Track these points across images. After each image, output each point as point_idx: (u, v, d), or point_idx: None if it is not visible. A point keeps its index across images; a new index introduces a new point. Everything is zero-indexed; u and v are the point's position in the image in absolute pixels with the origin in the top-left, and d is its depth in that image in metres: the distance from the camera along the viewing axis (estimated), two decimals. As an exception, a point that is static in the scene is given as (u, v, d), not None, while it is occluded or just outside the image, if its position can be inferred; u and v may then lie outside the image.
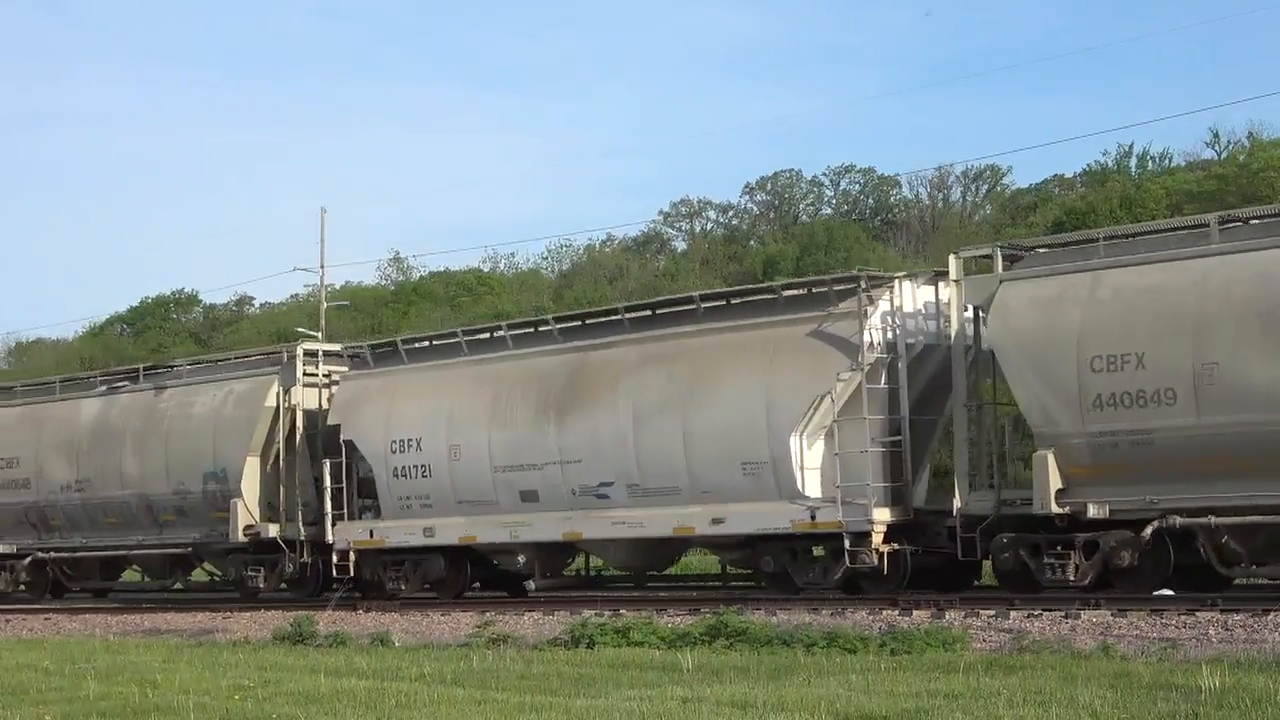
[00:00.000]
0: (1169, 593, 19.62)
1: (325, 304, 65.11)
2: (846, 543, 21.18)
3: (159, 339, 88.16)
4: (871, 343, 21.31)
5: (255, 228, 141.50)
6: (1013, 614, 18.79)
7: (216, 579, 31.22)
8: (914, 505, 21.55)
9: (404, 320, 68.71)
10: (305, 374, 28.19)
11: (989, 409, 21.55)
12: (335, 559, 26.78)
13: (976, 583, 22.97)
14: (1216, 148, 69.31)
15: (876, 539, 21.12)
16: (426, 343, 27.29)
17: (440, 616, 23.46)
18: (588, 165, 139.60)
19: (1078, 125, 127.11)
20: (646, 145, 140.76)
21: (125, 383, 31.45)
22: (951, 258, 21.16)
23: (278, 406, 28.12)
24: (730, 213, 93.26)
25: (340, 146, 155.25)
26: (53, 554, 32.23)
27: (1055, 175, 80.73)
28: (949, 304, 21.40)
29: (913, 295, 21.96)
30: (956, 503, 20.65)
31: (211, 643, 21.89)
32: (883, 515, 21.15)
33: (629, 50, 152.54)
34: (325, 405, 27.94)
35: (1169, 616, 17.64)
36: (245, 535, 27.85)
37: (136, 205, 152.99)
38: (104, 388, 31.78)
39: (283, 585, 28.62)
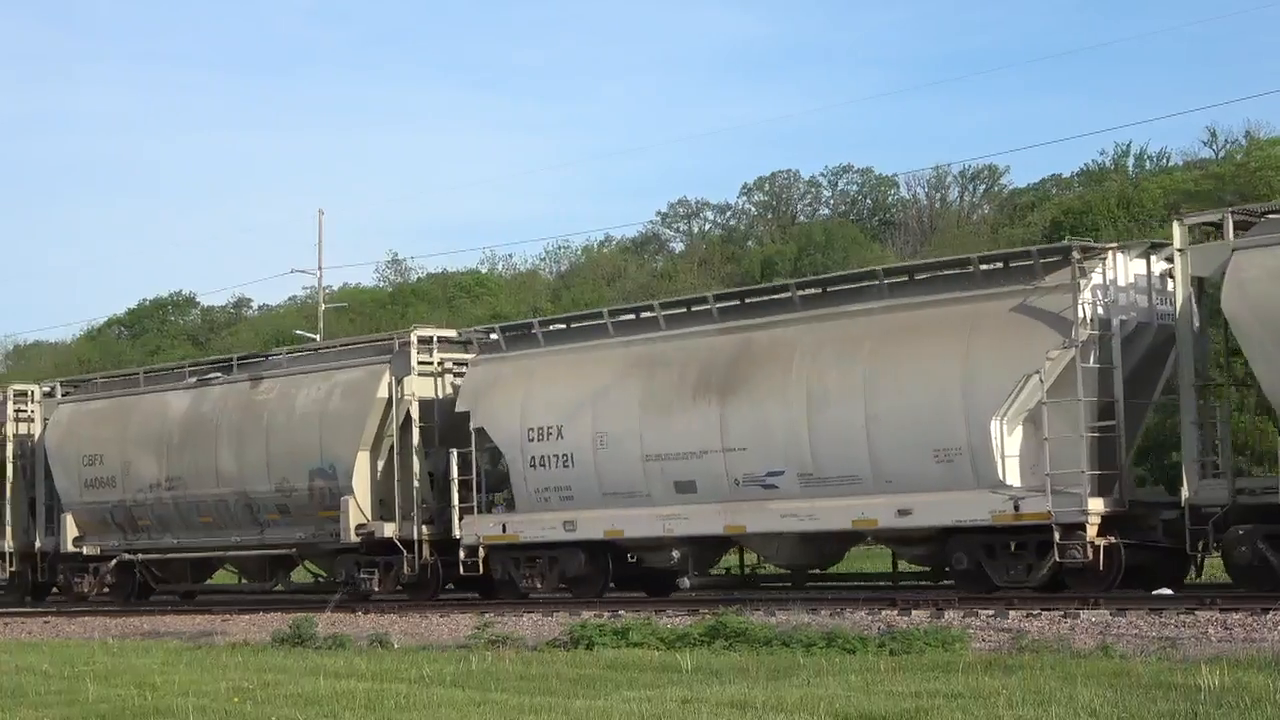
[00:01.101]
0: (1168, 592, 19.64)
1: (323, 306, 65.15)
2: (1056, 536, 19.66)
3: (157, 341, 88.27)
4: (1085, 318, 19.83)
5: (253, 230, 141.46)
6: (1012, 614, 18.84)
7: (321, 580, 29.73)
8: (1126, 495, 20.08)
9: (402, 322, 68.59)
10: (419, 362, 26.53)
11: (1219, 389, 20.26)
12: (463, 555, 25.31)
13: (1193, 579, 21.37)
14: (1214, 147, 69.39)
15: (1091, 531, 19.53)
16: (567, 324, 25.78)
17: (439, 618, 23.46)
18: (585, 166, 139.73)
19: (1075, 125, 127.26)
20: (644, 146, 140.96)
21: (217, 374, 30.00)
22: (1175, 225, 19.76)
23: (390, 397, 26.55)
24: (728, 213, 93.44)
25: (338, 148, 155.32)
26: (140, 555, 30.82)
27: (1053, 175, 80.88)
28: (1164, 277, 20.24)
29: (1125, 268, 20.48)
30: (1184, 492, 19.25)
31: (210, 645, 21.79)
32: (1097, 505, 19.56)
33: (626, 51, 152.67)
34: (442, 394, 26.57)
35: (1168, 616, 17.69)
36: (358, 535, 26.56)
37: (134, 208, 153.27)
38: (193, 379, 30.33)
39: (398, 587, 27.00)
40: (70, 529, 31.62)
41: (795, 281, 23.45)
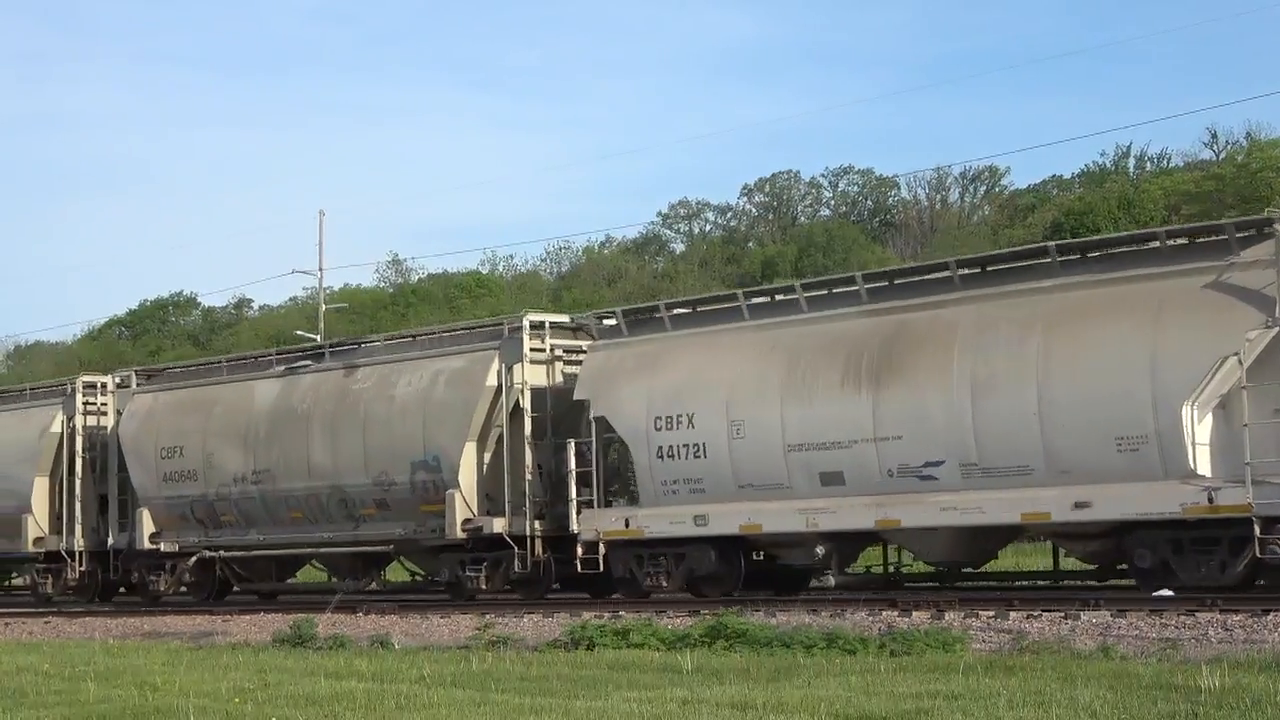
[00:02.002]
0: (1169, 593, 19.63)
1: (324, 306, 65.21)
2: (1256, 530, 18.28)
3: (157, 342, 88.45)
4: None
5: (254, 230, 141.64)
6: (1012, 615, 18.81)
7: (419, 579, 28.54)
8: None
9: (403, 322, 68.65)
10: (531, 348, 25.22)
11: None
12: (580, 552, 23.95)
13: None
14: (1214, 148, 69.55)
15: None
16: (692, 308, 24.40)
17: (440, 619, 23.40)
18: (586, 167, 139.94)
19: (1075, 126, 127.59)
20: (645, 147, 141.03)
21: (307, 362, 28.61)
22: None
23: (499, 385, 25.14)
24: (729, 214, 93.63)
25: (339, 149, 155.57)
26: (222, 552, 29.47)
27: (1053, 176, 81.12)
28: None
29: None
30: None
31: (211, 645, 21.77)
32: None
33: (627, 52, 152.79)
34: (552, 382, 25.34)
35: (1168, 617, 17.65)
36: (464, 530, 25.20)
37: (135, 208, 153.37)
38: (282, 368, 28.90)
39: (506, 586, 25.73)
40: (146, 525, 30.33)
41: (955, 259, 21.84)
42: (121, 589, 33.39)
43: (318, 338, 54.36)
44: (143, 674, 16.66)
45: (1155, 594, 19.56)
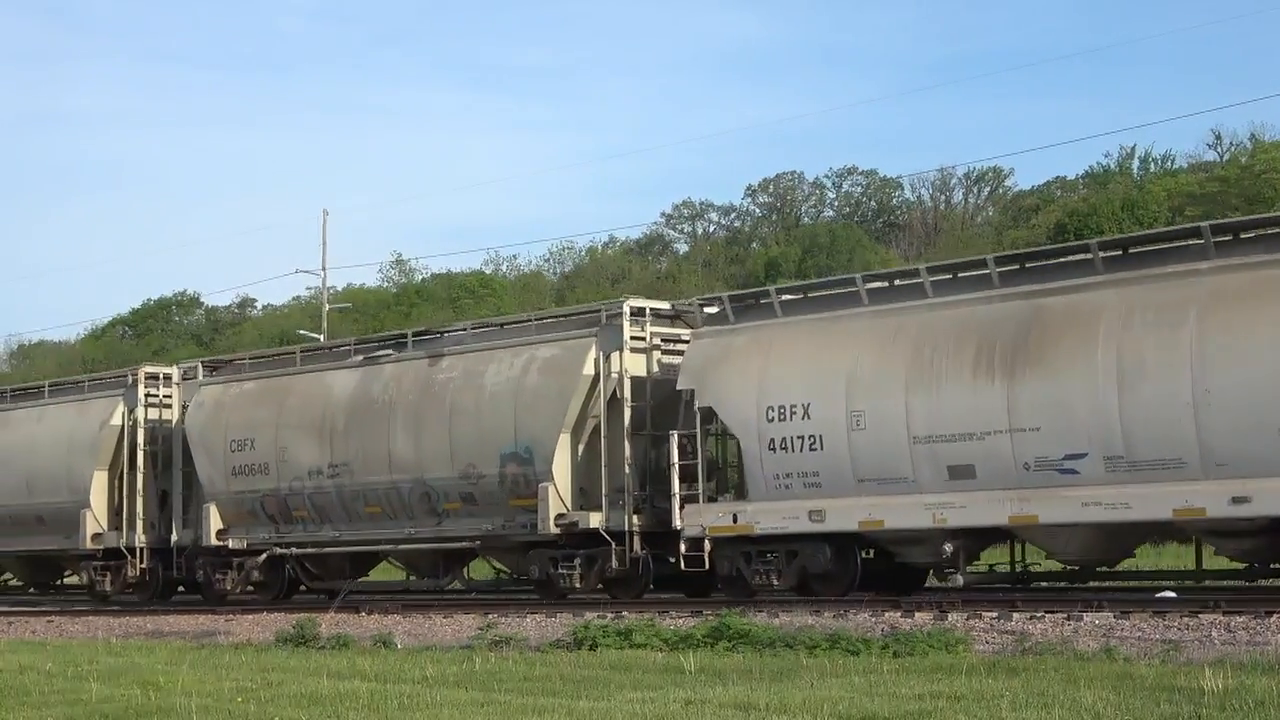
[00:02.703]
0: (1171, 595, 19.63)
1: (327, 306, 65.26)
2: None
3: (161, 341, 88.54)
4: None
5: (258, 230, 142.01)
6: (1015, 616, 18.81)
7: (506, 576, 27.15)
8: None
9: (406, 322, 68.80)
10: (632, 336, 24.11)
11: None
12: (684, 549, 22.79)
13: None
14: (1219, 149, 69.59)
15: None
16: (804, 293, 23.36)
17: (442, 619, 23.43)
18: (590, 167, 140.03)
19: (1080, 127, 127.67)
20: (648, 147, 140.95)
21: (388, 351, 27.38)
22: None
23: (596, 374, 24.06)
24: (732, 215, 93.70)
25: (342, 149, 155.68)
26: (294, 549, 28.26)
27: (1057, 177, 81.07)
28: None
29: None
30: None
31: (214, 645, 21.84)
32: None
33: (631, 53, 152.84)
34: (648, 371, 24.23)
35: (1171, 618, 17.67)
36: (557, 526, 24.03)
37: (139, 207, 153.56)
38: (360, 357, 27.70)
39: (599, 585, 24.60)
40: (214, 521, 29.14)
41: (1096, 241, 20.85)
42: (180, 588, 32.39)
43: (320, 337, 54.39)
44: (145, 673, 16.69)
45: (1158, 595, 19.59)
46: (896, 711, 11.31)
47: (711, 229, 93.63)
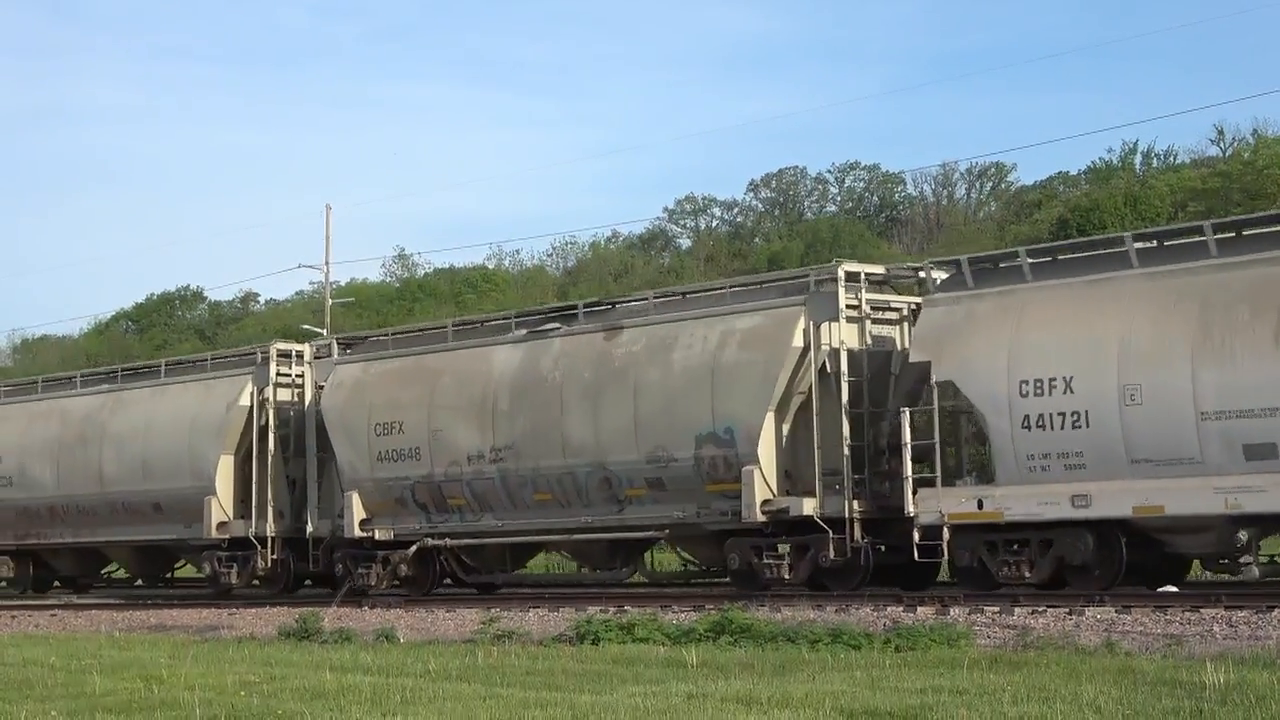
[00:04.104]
0: (1173, 589, 19.64)
1: (330, 301, 65.24)
2: None
3: (164, 336, 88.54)
4: None
5: (261, 225, 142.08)
6: (1017, 610, 18.90)
7: (693, 568, 25.26)
8: None
9: (409, 318, 68.85)
10: (846, 305, 22.24)
11: None
12: (917, 537, 20.86)
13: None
14: (1221, 145, 69.48)
15: None
16: (1053, 256, 21.46)
17: (445, 613, 23.49)
18: (593, 162, 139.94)
19: (1082, 122, 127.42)
20: (651, 142, 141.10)
21: (556, 325, 25.32)
22: None
23: (806, 345, 22.18)
24: (735, 210, 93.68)
25: (345, 144, 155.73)
26: (448, 541, 26.14)
27: (1060, 172, 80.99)
28: None
29: None
30: None
31: (217, 639, 21.87)
32: None
33: (634, 48, 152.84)
34: (861, 344, 22.40)
35: (1173, 613, 17.76)
36: (764, 513, 22.18)
37: (142, 203, 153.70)
38: (523, 331, 25.66)
39: (808, 576, 22.62)
40: (356, 510, 26.99)
41: None
42: (308, 580, 30.51)
43: (324, 331, 54.34)
44: (149, 667, 16.69)
45: (1159, 590, 19.61)
46: (898, 705, 11.31)
47: (714, 224, 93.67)
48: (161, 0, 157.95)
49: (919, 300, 22.46)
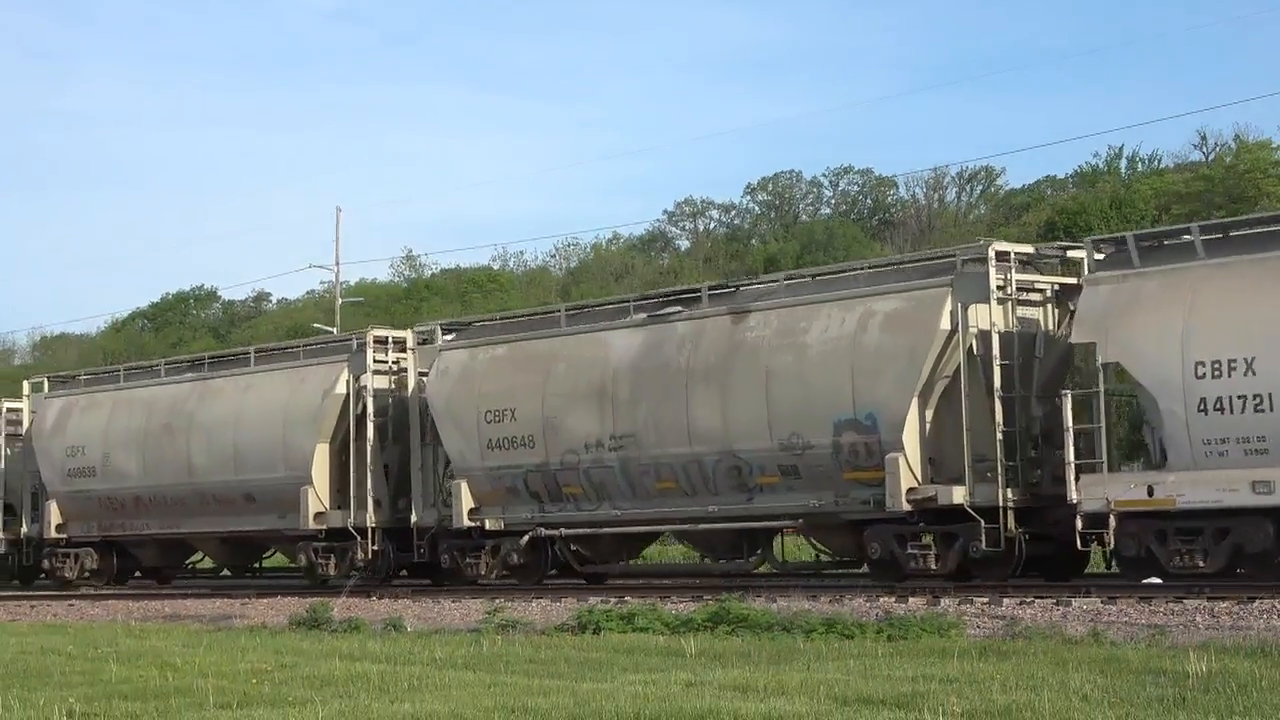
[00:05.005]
0: (1158, 581, 19.85)
1: (340, 300, 65.54)
2: None
3: (179, 334, 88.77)
4: None
5: (273, 226, 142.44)
6: (1005, 601, 19.03)
7: (824, 556, 24.25)
8: None
9: (416, 316, 69.35)
10: (996, 286, 21.29)
11: None
12: (1080, 526, 19.98)
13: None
14: (1204, 150, 69.71)
15: None
16: (1224, 231, 20.26)
17: (451, 603, 23.59)
18: (594, 166, 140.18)
19: (1069, 128, 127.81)
20: (651, 146, 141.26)
21: (677, 308, 24.47)
22: None
23: (954, 328, 21.25)
24: (732, 212, 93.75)
25: (355, 147, 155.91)
26: (563, 530, 25.38)
27: (1047, 176, 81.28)
28: None
29: None
30: None
31: (230, 628, 21.95)
32: None
33: (633, 54, 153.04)
34: (1008, 323, 21.34)
35: (1157, 604, 17.93)
36: (909, 501, 21.36)
37: (158, 204, 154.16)
38: (642, 315, 24.75)
39: (954, 567, 21.62)
40: (465, 499, 26.28)
41: None
42: (403, 571, 29.63)
43: (334, 330, 54.46)
44: (163, 655, 16.84)
45: (1144, 581, 19.84)
46: (890, 693, 11.44)
47: (712, 226, 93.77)
48: (177, 8, 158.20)
49: (1063, 281, 21.86)
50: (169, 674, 14.76)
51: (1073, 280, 21.89)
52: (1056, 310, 22.07)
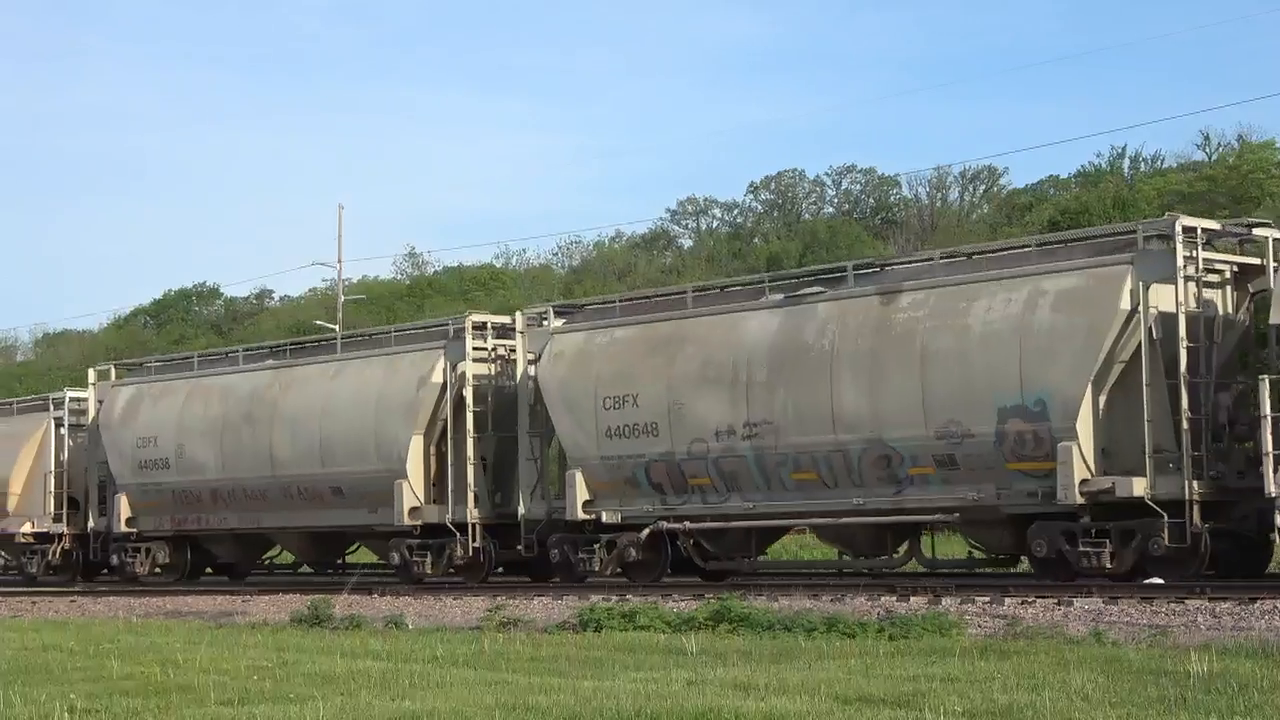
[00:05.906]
0: (1159, 581, 19.87)
1: (343, 297, 65.57)
2: None
3: (181, 330, 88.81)
4: None
5: (275, 223, 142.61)
6: (1007, 600, 19.02)
7: (978, 553, 22.81)
8: None
9: (419, 315, 69.24)
10: (1182, 263, 19.89)
11: None
12: (1278, 522, 18.85)
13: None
14: (1207, 150, 69.71)
15: None
16: None
17: (452, 601, 23.59)
18: (597, 164, 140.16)
19: (1072, 127, 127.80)
20: (654, 145, 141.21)
21: (819, 288, 23.19)
22: None
23: (1134, 308, 19.89)
24: (735, 211, 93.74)
25: (357, 145, 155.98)
26: (688, 524, 23.84)
27: (1050, 176, 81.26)
28: None
29: None
30: None
31: (231, 625, 21.99)
32: None
33: (637, 53, 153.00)
34: (1196, 308, 20.07)
35: (1159, 604, 17.90)
36: (1083, 494, 19.96)
37: (161, 201, 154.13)
38: (779, 296, 23.53)
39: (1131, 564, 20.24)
40: (580, 490, 24.91)
41: None
42: (499, 568, 28.28)
43: (336, 328, 54.43)
44: (165, 652, 16.83)
45: (1145, 581, 19.84)
46: (892, 692, 11.43)
47: (715, 224, 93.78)
48: (182, 8, 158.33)
49: (1245, 261, 20.78)
50: (170, 670, 14.76)
51: (1255, 260, 20.79)
52: (1235, 292, 20.94)
